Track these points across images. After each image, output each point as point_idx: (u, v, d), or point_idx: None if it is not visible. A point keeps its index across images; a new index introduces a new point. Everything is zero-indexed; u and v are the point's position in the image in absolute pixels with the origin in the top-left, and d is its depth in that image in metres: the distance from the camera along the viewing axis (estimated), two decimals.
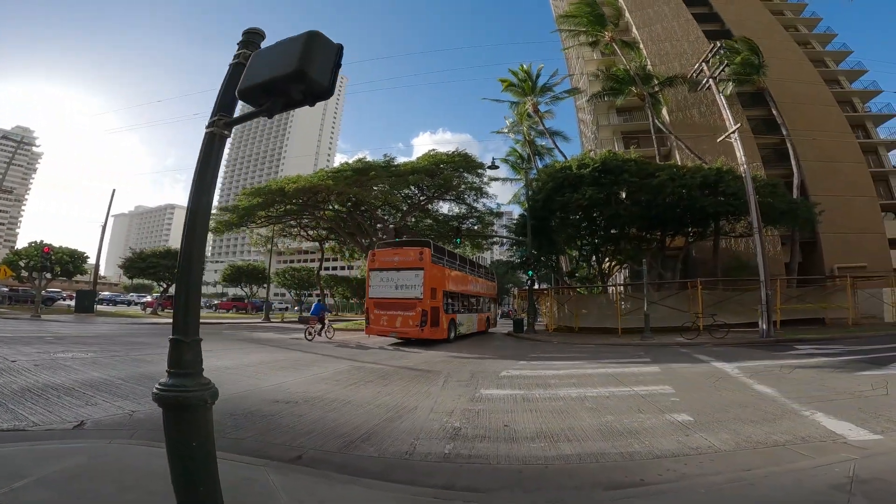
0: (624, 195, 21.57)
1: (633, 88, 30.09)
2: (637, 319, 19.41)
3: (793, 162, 27.65)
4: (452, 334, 16.46)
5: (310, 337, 15.60)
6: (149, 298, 37.63)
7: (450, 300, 16.93)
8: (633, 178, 20.12)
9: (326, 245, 40.81)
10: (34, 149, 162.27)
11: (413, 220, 35.80)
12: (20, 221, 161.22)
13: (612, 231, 21.96)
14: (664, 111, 32.18)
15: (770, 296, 16.61)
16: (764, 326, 16.11)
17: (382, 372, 9.18)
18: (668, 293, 20.48)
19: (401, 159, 28.03)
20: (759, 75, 28.57)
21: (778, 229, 25.46)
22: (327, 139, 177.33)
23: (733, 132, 18.43)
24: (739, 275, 22.90)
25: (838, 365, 9.44)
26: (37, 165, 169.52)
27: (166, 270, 32.67)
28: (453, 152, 25.86)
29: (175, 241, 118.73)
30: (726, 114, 19.68)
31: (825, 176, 29.28)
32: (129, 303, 49.67)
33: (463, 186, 30.95)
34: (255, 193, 25.75)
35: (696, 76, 21.16)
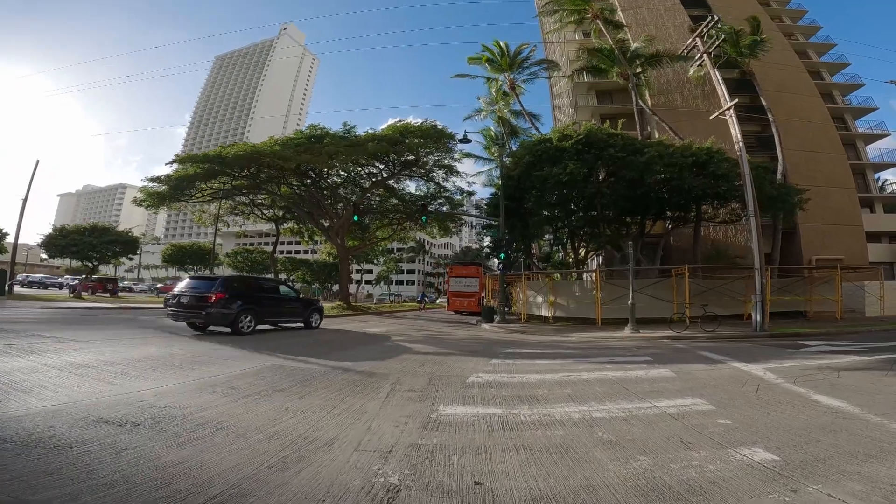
0: (606, 174, 19.70)
1: (617, 68, 28.26)
2: (617, 310, 17.66)
3: (778, 149, 26.61)
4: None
5: None
6: (76, 281, 33.24)
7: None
8: (619, 154, 18.17)
9: (285, 226, 37.59)
10: None
11: (377, 199, 33.11)
12: None
13: (591, 213, 20.02)
14: (647, 95, 30.66)
15: (764, 285, 15.04)
16: (758, 318, 14.53)
17: (307, 374, 6.71)
18: (648, 282, 18.76)
19: (365, 131, 25.12)
20: (753, 55, 27.33)
21: (762, 217, 24.30)
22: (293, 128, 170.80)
23: (729, 108, 16.77)
24: (718, 264, 21.61)
25: (879, 365, 7.68)
26: None
27: (91, 249, 28.66)
28: (422, 122, 23.27)
29: (126, 222, 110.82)
30: (721, 89, 17.94)
31: (806, 166, 28.50)
32: (61, 286, 44.67)
33: (431, 163, 28.55)
34: (191, 160, 22.32)
35: (688, 52, 19.44)
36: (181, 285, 12.96)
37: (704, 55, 17.80)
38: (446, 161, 28.02)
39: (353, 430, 4.17)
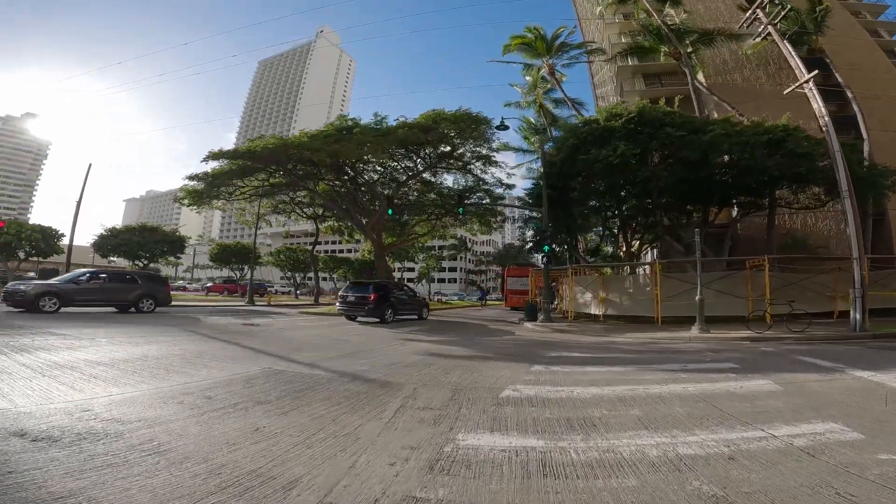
0: (661, 156, 17.57)
1: (665, 48, 25.74)
2: (678, 307, 15.63)
3: (862, 127, 23.32)
4: None
5: None
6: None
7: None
8: (678, 133, 16.07)
9: (325, 224, 37.49)
10: (41, 135, 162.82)
11: (415, 195, 32.14)
12: (31, 207, 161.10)
13: (646, 200, 17.92)
14: (700, 76, 27.84)
15: (864, 278, 12.62)
16: (857, 316, 12.24)
17: (309, 381, 5.59)
18: (715, 276, 16.45)
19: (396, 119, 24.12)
20: (820, 32, 24.19)
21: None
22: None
23: (808, 80, 14.41)
24: (798, 254, 18.89)
25: None
26: (47, 151, 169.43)
27: (140, 248, 29.49)
28: (456, 110, 21.93)
29: (184, 223, 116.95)
30: (796, 62, 15.49)
31: (892, 147, 24.78)
32: None
33: (468, 155, 27.16)
34: (223, 156, 22.12)
35: (748, 25, 17.10)
36: (346, 289, 18.20)
37: (769, 27, 15.44)
38: (484, 151, 26.52)
39: (331, 466, 2.94)
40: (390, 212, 20.71)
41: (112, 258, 37.08)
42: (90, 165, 25.86)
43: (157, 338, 9.18)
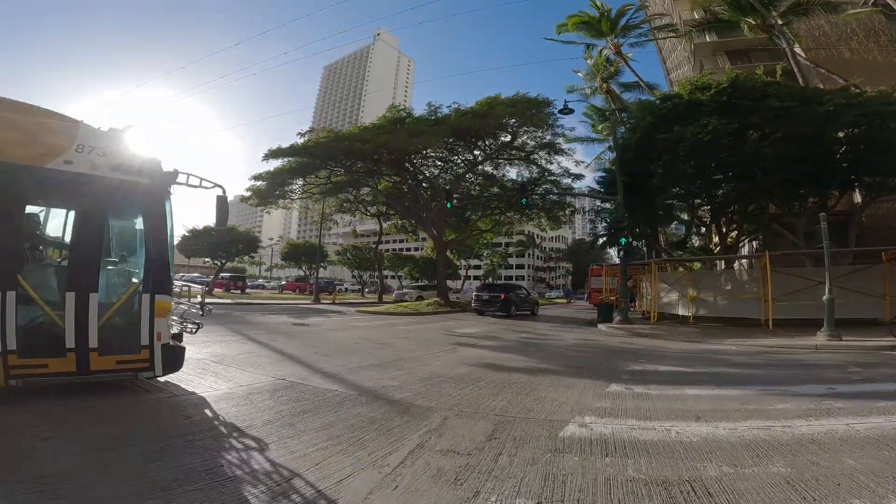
0: (760, 134, 14.71)
1: (750, 19, 22.01)
2: (791, 308, 12.93)
3: None
4: None
5: None
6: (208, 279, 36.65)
7: None
8: (785, 104, 13.32)
9: (389, 223, 37.46)
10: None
11: (477, 189, 30.86)
12: None
13: (747, 183, 15.05)
14: (797, 49, 23.63)
15: None
16: None
17: (317, 400, 4.51)
18: (840, 270, 13.34)
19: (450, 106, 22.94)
20: None
21: None
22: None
23: None
24: None
25: None
26: None
27: (217, 248, 31.16)
28: (514, 95, 20.30)
29: (267, 225, 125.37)
30: None
31: None
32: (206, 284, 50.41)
33: (531, 144, 25.39)
34: (281, 154, 22.25)
35: None
36: (479, 289, 22.85)
37: None
38: (548, 138, 24.61)
39: None
40: (448, 205, 19.60)
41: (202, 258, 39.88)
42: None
43: (194, 338, 8.71)
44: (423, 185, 29.92)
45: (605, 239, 22.80)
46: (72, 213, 4.74)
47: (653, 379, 6.10)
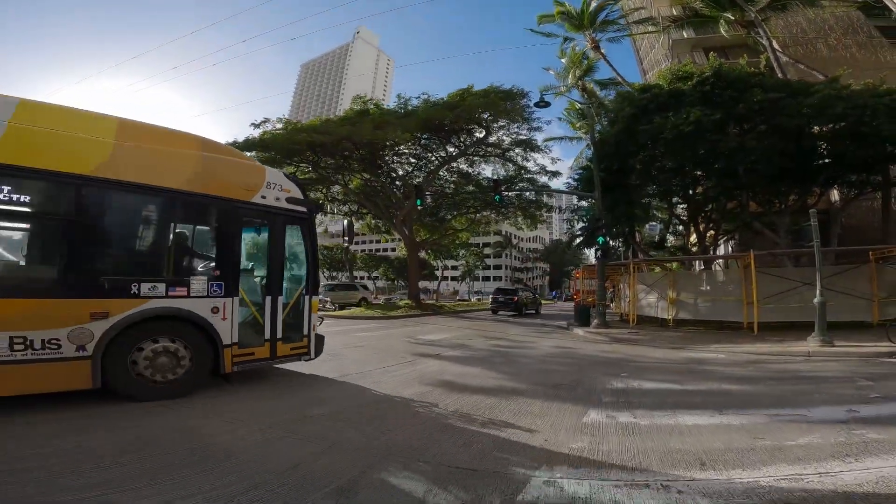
0: (741, 129, 14.07)
1: (729, 14, 21.66)
2: (776, 311, 12.27)
3: None
4: None
5: None
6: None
7: None
8: (771, 95, 12.68)
9: (362, 222, 36.04)
10: None
11: (452, 187, 29.81)
12: None
13: (729, 180, 14.33)
14: (776, 45, 23.45)
15: None
16: None
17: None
18: (825, 271, 12.77)
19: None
20: None
21: None
22: None
23: None
24: None
25: None
26: None
27: None
28: (488, 87, 19.29)
29: None
30: None
31: None
32: None
33: (507, 141, 24.53)
34: (241, 149, 20.63)
35: None
36: (495, 292, 27.56)
37: None
38: (524, 134, 23.79)
39: None
40: (419, 202, 18.48)
41: None
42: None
43: None
44: (397, 183, 28.74)
45: (581, 239, 22.00)
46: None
47: (639, 401, 5.08)
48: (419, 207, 19.78)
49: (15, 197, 4.04)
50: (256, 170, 5.84)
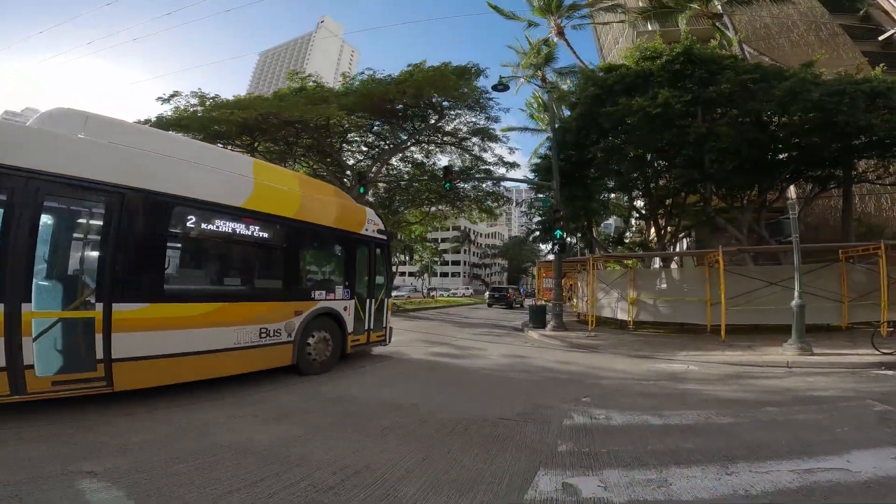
0: (705, 117, 13.12)
1: (696, 5, 21.06)
2: (744, 313, 11.26)
3: None
4: None
5: None
6: None
7: None
8: (747, 76, 11.75)
9: None
10: None
11: (406, 178, 27.95)
12: None
13: (695, 171, 13.32)
14: (737, 41, 23.22)
15: None
16: None
17: None
18: (782, 273, 11.96)
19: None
20: None
21: None
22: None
23: None
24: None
25: None
26: None
27: None
28: (441, 63, 17.52)
29: None
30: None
31: None
32: None
33: (464, 128, 23.02)
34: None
35: None
36: (491, 290, 36.40)
37: None
38: (482, 123, 22.36)
39: None
40: (362, 190, 16.55)
41: None
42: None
43: None
44: (347, 173, 26.61)
45: (538, 233, 20.78)
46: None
47: (609, 451, 3.54)
48: (362, 195, 17.84)
49: (261, 233, 5.98)
50: (362, 210, 8.30)
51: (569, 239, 22.92)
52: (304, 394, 5.42)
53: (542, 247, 28.35)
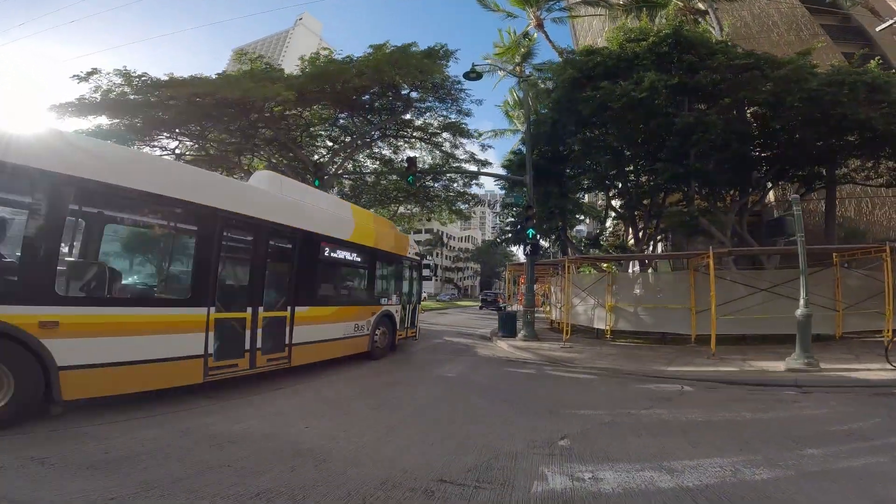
0: (690, 109, 12.07)
1: (678, 2, 20.37)
2: (733, 322, 10.09)
3: None
4: None
5: None
6: None
7: None
8: (739, 62, 10.74)
9: None
10: None
11: (373, 176, 26.33)
12: None
13: (679, 166, 12.15)
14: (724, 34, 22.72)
15: None
16: None
17: None
18: (771, 278, 10.97)
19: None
20: None
21: None
22: None
23: None
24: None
25: None
26: None
27: None
28: (404, 44, 15.99)
29: None
30: None
31: None
32: None
33: (434, 123, 21.67)
34: (72, 111, 15.29)
35: None
36: (482, 294, 44.55)
37: None
38: (452, 117, 21.06)
39: None
40: (316, 182, 14.91)
41: None
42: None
43: None
44: (310, 169, 24.80)
45: (510, 234, 19.52)
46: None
47: None
48: (317, 188, 16.21)
49: (358, 259, 8.74)
50: (407, 238, 11.42)
51: (543, 242, 21.79)
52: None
53: (514, 249, 27.24)
